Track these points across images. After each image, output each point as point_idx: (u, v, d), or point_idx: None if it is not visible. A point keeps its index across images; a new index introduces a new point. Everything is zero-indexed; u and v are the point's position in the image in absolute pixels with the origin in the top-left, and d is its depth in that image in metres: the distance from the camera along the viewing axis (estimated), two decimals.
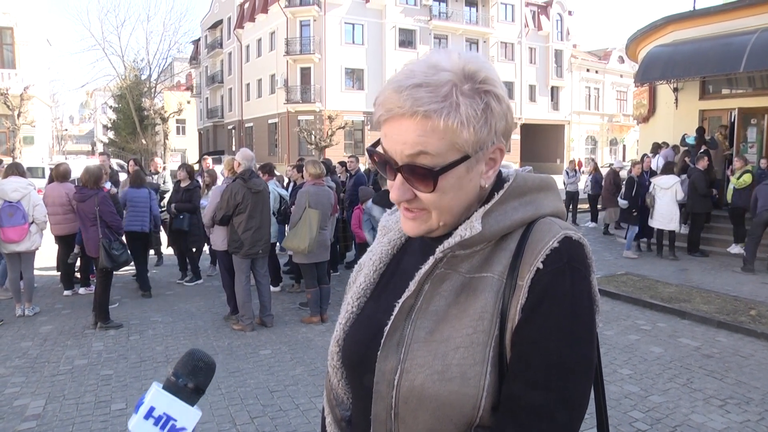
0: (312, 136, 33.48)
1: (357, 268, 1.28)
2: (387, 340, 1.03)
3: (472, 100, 0.97)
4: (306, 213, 6.77)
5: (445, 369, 0.96)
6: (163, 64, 50.91)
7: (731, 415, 4.66)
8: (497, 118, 1.00)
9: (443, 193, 1.00)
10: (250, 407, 4.75)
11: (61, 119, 76.21)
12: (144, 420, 0.96)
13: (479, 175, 1.03)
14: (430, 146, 0.96)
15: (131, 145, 42.60)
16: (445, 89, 0.96)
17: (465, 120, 0.96)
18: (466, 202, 1.04)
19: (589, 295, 0.98)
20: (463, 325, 0.98)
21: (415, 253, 1.14)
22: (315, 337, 6.57)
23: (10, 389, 5.14)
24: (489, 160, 1.04)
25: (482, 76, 0.99)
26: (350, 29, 39.32)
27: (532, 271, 0.96)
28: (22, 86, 25.60)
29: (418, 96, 0.95)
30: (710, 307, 7.57)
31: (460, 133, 0.96)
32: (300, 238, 6.71)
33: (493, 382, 0.96)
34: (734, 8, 13.23)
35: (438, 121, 0.95)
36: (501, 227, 1.02)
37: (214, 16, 55.52)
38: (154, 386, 1.00)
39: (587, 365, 0.96)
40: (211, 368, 1.05)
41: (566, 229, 1.00)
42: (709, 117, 14.34)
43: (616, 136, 53.51)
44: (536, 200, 1.06)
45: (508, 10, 46.25)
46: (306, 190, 6.90)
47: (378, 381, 1.02)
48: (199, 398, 1.02)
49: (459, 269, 1.03)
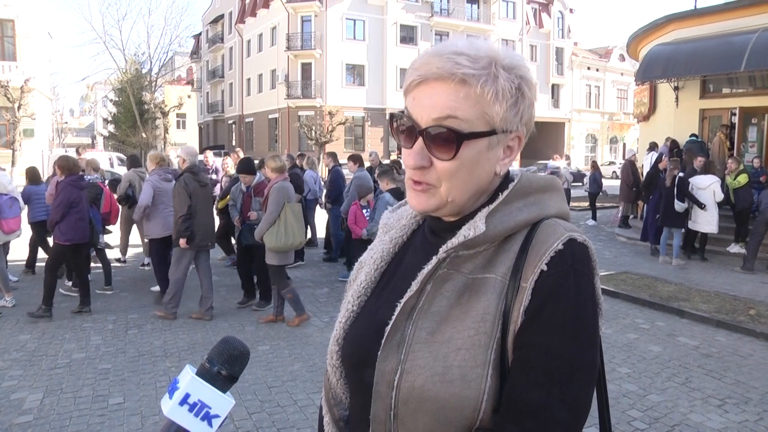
0: (312, 132, 33.48)
1: (358, 266, 1.26)
2: (388, 340, 1.02)
3: (509, 76, 0.99)
4: (287, 208, 6.67)
5: (445, 371, 0.95)
6: (164, 58, 50.93)
7: (729, 415, 4.66)
8: (526, 104, 1.02)
9: (461, 164, 1.00)
10: (248, 403, 4.74)
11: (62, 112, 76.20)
12: (179, 406, 0.96)
13: (496, 159, 1.03)
14: (460, 111, 0.97)
15: (131, 138, 42.55)
16: (485, 61, 0.98)
17: (501, 92, 0.97)
18: (477, 185, 1.03)
19: (593, 298, 0.97)
20: (464, 326, 0.97)
21: (417, 252, 1.13)
22: (313, 333, 6.57)
23: (7, 382, 5.14)
24: (507, 147, 1.04)
25: (517, 63, 1.01)
26: (351, 25, 39.31)
27: (536, 273, 0.94)
28: (23, 79, 25.59)
29: (459, 61, 0.97)
30: (709, 306, 7.57)
31: (492, 105, 0.97)
32: (292, 234, 6.64)
33: (495, 384, 0.95)
34: (735, 7, 13.21)
35: (475, 87, 0.96)
36: (505, 228, 1.01)
37: (216, 10, 55.49)
38: (188, 371, 0.99)
39: (590, 369, 0.95)
40: (246, 357, 1.04)
41: (571, 231, 0.99)
42: (709, 116, 14.33)
43: (617, 135, 53.52)
44: (541, 201, 1.05)
45: (510, 7, 46.27)
46: (281, 186, 6.73)
47: (378, 381, 1.01)
48: (232, 386, 1.01)
49: (462, 270, 1.02)
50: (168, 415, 0.96)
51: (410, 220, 1.22)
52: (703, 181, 10.54)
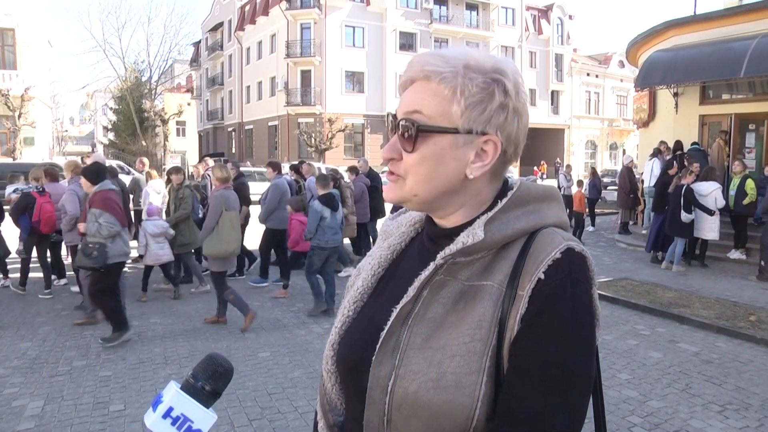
0: (312, 139, 33.55)
1: (356, 272, 1.26)
2: (382, 345, 1.02)
3: (476, 77, 1.00)
4: (225, 216, 6.79)
5: (440, 377, 0.95)
6: (164, 66, 51.06)
7: (730, 421, 4.66)
8: (495, 106, 1.01)
9: (422, 158, 1.02)
10: (248, 409, 4.74)
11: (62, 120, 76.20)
12: (162, 419, 0.97)
13: (465, 162, 1.03)
14: (425, 107, 1.01)
15: (131, 146, 42.60)
16: (457, 62, 1.01)
17: (459, 90, 1.00)
18: (444, 184, 1.04)
19: (589, 307, 0.97)
20: (460, 333, 0.97)
21: (414, 258, 1.14)
22: (314, 341, 6.57)
23: (9, 389, 5.14)
24: (481, 151, 1.03)
25: (500, 68, 1.03)
26: (351, 32, 39.43)
27: (533, 281, 0.94)
28: (23, 87, 25.65)
29: (430, 60, 1.02)
30: (710, 312, 7.57)
31: (450, 102, 1.00)
32: (226, 242, 6.76)
33: (489, 392, 0.95)
34: (735, 14, 13.26)
35: (434, 83, 1.01)
36: (503, 235, 1.01)
37: (215, 18, 55.62)
38: (172, 386, 1.01)
39: (586, 378, 0.95)
40: (229, 373, 1.07)
41: (569, 240, 0.99)
42: (709, 122, 14.35)
43: (616, 141, 53.58)
44: (539, 210, 1.05)
45: (509, 13, 46.40)
46: (220, 194, 6.89)
47: (372, 386, 1.01)
48: (215, 401, 1.03)
49: (459, 276, 1.02)
50: (150, 428, 0.97)
51: (409, 228, 1.23)
52: (704, 188, 10.50)
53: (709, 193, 10.43)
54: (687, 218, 10.29)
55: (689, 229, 10.47)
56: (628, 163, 15.34)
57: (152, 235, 7.99)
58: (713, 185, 10.55)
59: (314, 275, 7.64)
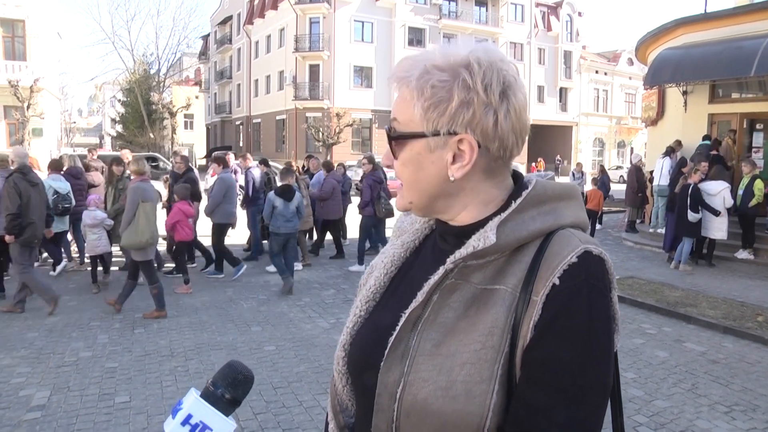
0: (320, 134, 33.52)
1: (368, 270, 1.23)
2: (391, 351, 0.99)
3: (434, 75, 0.97)
4: (141, 208, 6.90)
5: (449, 385, 0.92)
6: (172, 59, 51.29)
7: (737, 422, 4.63)
8: (456, 104, 0.95)
9: (403, 164, 1.03)
10: (253, 403, 4.75)
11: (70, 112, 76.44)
12: (181, 426, 0.97)
13: (445, 164, 0.99)
14: (398, 114, 1.02)
15: (139, 138, 42.74)
16: (421, 63, 0.99)
17: (415, 92, 0.98)
18: (429, 188, 1.02)
19: (607, 314, 0.93)
20: (471, 339, 0.93)
21: (428, 258, 1.10)
22: (319, 335, 6.58)
23: (16, 379, 5.17)
24: (458, 151, 0.98)
25: (467, 62, 0.96)
26: (360, 27, 39.36)
27: (547, 286, 0.90)
28: (32, 78, 25.68)
29: (401, 66, 1.02)
30: (716, 312, 7.53)
31: (412, 106, 0.99)
32: (140, 233, 6.85)
33: (500, 401, 0.91)
34: (746, 12, 13.15)
35: (401, 90, 1.00)
36: (517, 238, 0.96)
37: (224, 11, 55.65)
38: (192, 393, 1.00)
39: (602, 388, 0.91)
40: (250, 381, 1.06)
41: (586, 243, 0.94)
42: (718, 121, 14.27)
43: (624, 139, 53.37)
44: (556, 210, 1.00)
45: (518, 10, 46.23)
46: (136, 186, 7.02)
47: (380, 393, 0.99)
48: (235, 409, 1.03)
49: (471, 279, 0.98)
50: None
51: (423, 225, 1.19)
52: (713, 187, 10.43)
53: (718, 193, 10.35)
54: (694, 218, 10.22)
55: (696, 229, 10.40)
56: (636, 162, 15.27)
57: (88, 225, 8.15)
58: (722, 184, 10.47)
59: (277, 257, 8.47)
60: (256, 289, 8.61)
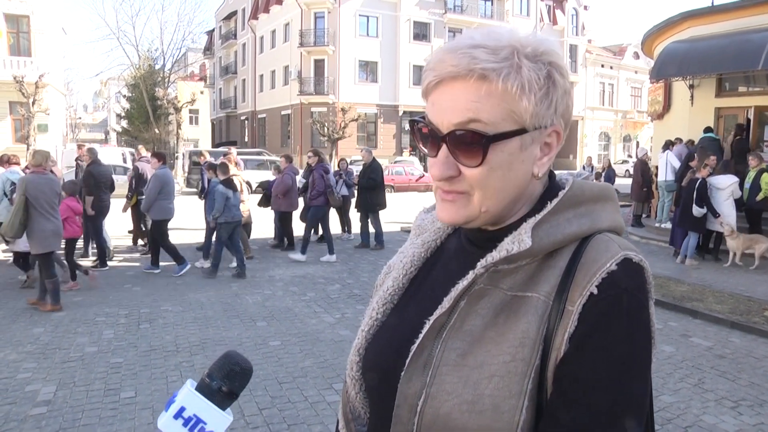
0: (325, 128, 33.52)
1: (385, 269, 1.16)
2: (413, 360, 0.92)
3: (535, 65, 0.87)
4: (18, 200, 6.97)
5: (476, 399, 0.85)
6: (177, 54, 51.22)
7: (744, 417, 4.61)
8: (559, 93, 0.90)
9: (491, 169, 0.88)
10: (258, 398, 4.75)
11: (75, 108, 76.71)
12: (173, 419, 0.93)
13: (533, 160, 0.91)
14: (483, 113, 0.86)
15: (144, 134, 42.80)
16: (506, 51, 0.86)
17: (527, 84, 0.86)
18: (514, 190, 0.92)
19: (647, 327, 0.86)
20: (500, 350, 0.86)
21: (451, 260, 1.03)
22: (324, 330, 6.57)
23: (22, 374, 5.19)
24: (544, 144, 0.92)
25: (544, 48, 0.90)
26: (365, 21, 39.33)
27: (584, 295, 0.83)
28: (38, 74, 25.74)
29: (475, 54, 0.85)
30: (723, 307, 7.50)
31: (519, 100, 0.86)
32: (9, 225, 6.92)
33: (530, 418, 0.84)
34: (753, 4, 13.04)
35: (496, 83, 0.85)
36: (552, 241, 0.90)
37: (229, 6, 55.62)
38: (187, 385, 0.96)
39: (639, 407, 0.84)
40: (247, 373, 1.00)
41: (626, 250, 0.87)
42: (724, 115, 14.20)
43: (630, 133, 53.22)
44: (593, 212, 0.94)
45: (524, 3, 46.11)
46: (23, 178, 7.15)
47: (399, 404, 0.91)
48: (232, 403, 0.98)
49: (501, 285, 0.91)
50: (161, 428, 0.93)
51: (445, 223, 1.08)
52: (722, 181, 10.35)
53: (727, 187, 10.28)
54: (699, 212, 10.15)
55: (701, 223, 10.35)
56: (642, 156, 15.21)
57: None
58: (731, 178, 10.40)
59: (222, 246, 9.07)
60: (262, 284, 8.61)
